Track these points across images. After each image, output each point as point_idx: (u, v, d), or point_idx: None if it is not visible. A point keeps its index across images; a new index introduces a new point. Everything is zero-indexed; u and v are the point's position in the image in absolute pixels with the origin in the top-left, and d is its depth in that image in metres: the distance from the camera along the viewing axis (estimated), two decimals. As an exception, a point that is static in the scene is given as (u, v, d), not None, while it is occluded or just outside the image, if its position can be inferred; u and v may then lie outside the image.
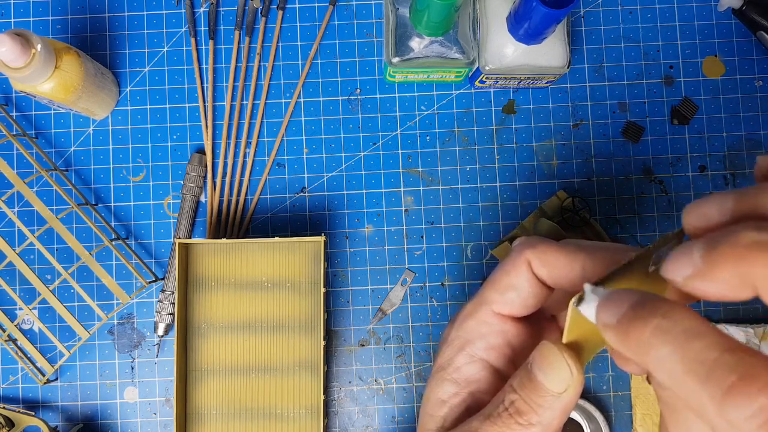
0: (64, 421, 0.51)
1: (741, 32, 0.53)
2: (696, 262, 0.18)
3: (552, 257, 0.25)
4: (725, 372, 0.16)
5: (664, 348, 0.17)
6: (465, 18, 0.46)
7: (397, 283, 0.52)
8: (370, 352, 0.52)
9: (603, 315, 0.20)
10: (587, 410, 0.49)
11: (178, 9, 0.54)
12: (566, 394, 0.23)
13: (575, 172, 0.53)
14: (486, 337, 0.28)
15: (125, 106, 0.53)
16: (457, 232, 0.52)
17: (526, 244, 0.27)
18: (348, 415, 0.52)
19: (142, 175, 0.53)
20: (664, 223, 0.53)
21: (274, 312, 0.51)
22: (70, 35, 0.53)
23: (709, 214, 0.19)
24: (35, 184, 0.53)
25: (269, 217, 0.53)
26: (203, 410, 0.50)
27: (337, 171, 0.53)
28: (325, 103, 0.53)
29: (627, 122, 0.53)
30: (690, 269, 0.18)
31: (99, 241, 0.52)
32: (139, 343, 0.52)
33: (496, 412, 0.25)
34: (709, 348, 0.17)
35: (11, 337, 0.50)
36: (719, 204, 0.19)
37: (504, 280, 0.27)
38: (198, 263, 0.51)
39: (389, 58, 0.46)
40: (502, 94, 0.53)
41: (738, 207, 0.19)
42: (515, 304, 0.27)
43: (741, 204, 0.19)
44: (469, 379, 0.28)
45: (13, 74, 0.42)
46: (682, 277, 0.19)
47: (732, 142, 0.53)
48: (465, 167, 0.53)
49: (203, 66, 0.53)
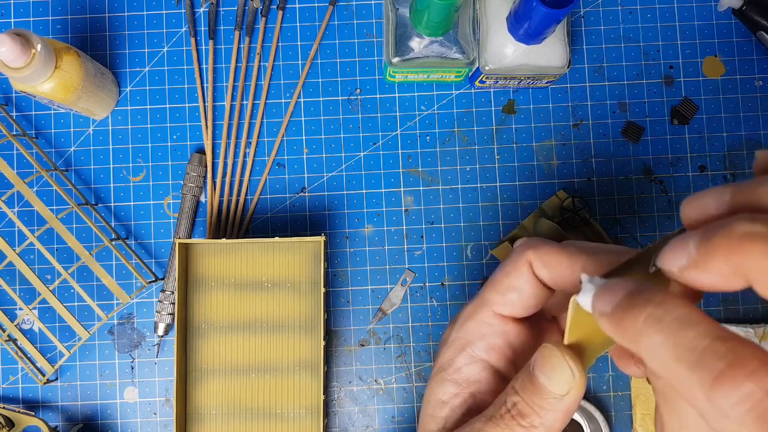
0: (64, 421, 0.51)
1: (741, 32, 0.53)
2: (691, 253, 0.18)
3: (553, 259, 0.25)
4: (714, 359, 0.16)
5: (656, 336, 0.18)
6: (465, 18, 0.46)
7: (397, 283, 0.52)
8: (370, 352, 0.52)
9: (598, 303, 0.20)
10: (587, 410, 0.49)
11: (178, 9, 0.54)
12: (568, 396, 0.23)
13: (575, 172, 0.53)
14: (487, 338, 0.28)
15: (125, 106, 0.53)
16: (457, 232, 0.52)
17: (527, 245, 0.27)
18: (348, 415, 0.52)
19: (142, 175, 0.53)
20: (664, 223, 0.53)
21: (274, 312, 0.51)
22: (70, 35, 0.53)
23: (707, 207, 0.20)
24: (35, 184, 0.53)
25: (269, 217, 0.53)
26: (203, 410, 0.50)
27: (337, 171, 0.53)
28: (325, 103, 0.53)
29: (627, 122, 0.53)
30: (685, 259, 0.18)
31: (99, 241, 0.52)
32: (139, 343, 0.52)
33: (498, 414, 0.25)
34: (700, 336, 0.17)
35: (11, 337, 0.50)
36: (717, 197, 0.19)
37: (505, 281, 0.27)
38: (198, 263, 0.51)
39: (389, 58, 0.46)
40: (502, 94, 0.53)
41: (735, 200, 0.19)
42: (516, 305, 0.27)
43: (738, 197, 0.19)
44: (470, 380, 0.28)
45: (13, 74, 0.42)
46: (677, 267, 0.19)
47: (732, 142, 0.53)
48: (465, 167, 0.53)
49: (203, 66, 0.53)
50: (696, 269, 0.18)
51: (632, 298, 0.19)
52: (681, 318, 0.17)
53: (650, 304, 0.18)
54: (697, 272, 0.18)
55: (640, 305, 0.18)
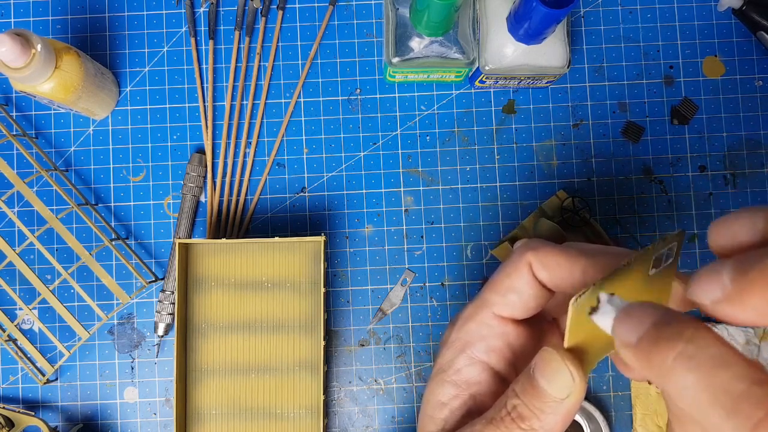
0: (64, 421, 0.51)
1: (741, 32, 0.53)
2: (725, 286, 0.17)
3: (553, 260, 0.25)
4: (753, 406, 0.15)
5: (689, 375, 0.17)
6: (465, 18, 0.46)
7: (397, 283, 0.52)
8: (370, 352, 0.52)
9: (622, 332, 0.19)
10: (587, 410, 0.50)
11: (178, 9, 0.54)
12: (568, 399, 0.23)
13: (575, 172, 0.53)
14: (486, 339, 0.28)
15: (125, 106, 0.53)
16: (457, 232, 0.52)
17: (527, 246, 0.26)
18: (348, 415, 0.52)
19: (142, 175, 0.53)
20: (664, 223, 0.53)
21: (274, 312, 0.51)
22: (70, 35, 0.53)
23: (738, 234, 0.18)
24: (35, 184, 0.53)
25: (269, 217, 0.53)
26: (203, 410, 0.50)
27: (337, 171, 0.53)
28: (325, 103, 0.53)
29: (627, 122, 0.53)
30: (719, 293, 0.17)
31: (99, 241, 0.52)
32: (139, 343, 0.52)
33: (499, 416, 0.25)
34: (737, 379, 0.16)
35: (11, 337, 0.50)
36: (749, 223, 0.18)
37: (505, 282, 0.27)
38: (198, 263, 0.51)
39: (389, 58, 0.46)
40: (502, 94, 0.53)
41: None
42: (516, 306, 0.27)
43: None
44: (470, 381, 0.28)
45: (13, 74, 0.42)
46: (710, 300, 0.18)
47: (732, 142, 0.53)
48: (465, 167, 0.53)
49: (203, 66, 0.53)
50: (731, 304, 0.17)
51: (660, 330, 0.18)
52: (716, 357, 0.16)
53: (681, 338, 0.17)
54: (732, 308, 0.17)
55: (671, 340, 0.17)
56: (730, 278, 0.17)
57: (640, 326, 0.18)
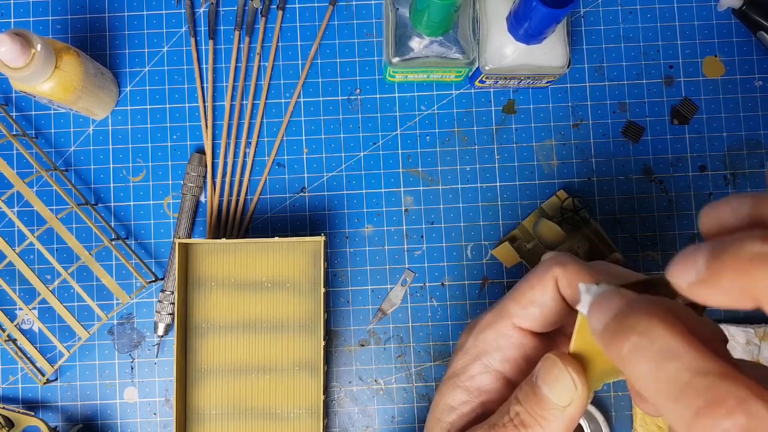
0: (64, 421, 0.51)
1: (741, 32, 0.53)
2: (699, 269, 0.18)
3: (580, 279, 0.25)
4: (693, 396, 0.16)
5: (641, 366, 0.18)
6: (465, 18, 0.46)
7: (397, 283, 0.52)
8: (370, 352, 0.52)
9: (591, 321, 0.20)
10: (588, 410, 0.49)
11: (178, 9, 0.54)
12: (571, 407, 0.23)
13: (575, 172, 0.53)
14: (503, 350, 0.27)
15: (125, 106, 0.53)
16: (457, 232, 0.52)
17: (555, 260, 0.26)
18: (348, 415, 0.52)
19: (142, 175, 0.53)
20: (664, 223, 0.53)
21: (273, 312, 0.51)
22: (70, 35, 0.53)
23: (724, 218, 0.19)
24: (35, 184, 0.53)
25: (269, 217, 0.53)
26: (203, 410, 0.50)
27: (337, 171, 0.53)
28: (325, 103, 0.53)
29: (627, 122, 0.53)
30: (694, 275, 0.18)
31: (99, 241, 0.52)
32: (138, 343, 0.52)
33: (501, 423, 0.25)
34: (682, 370, 0.17)
35: (11, 337, 0.50)
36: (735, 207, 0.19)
37: (528, 294, 0.27)
38: (198, 263, 0.51)
39: (389, 58, 0.46)
40: (502, 94, 0.53)
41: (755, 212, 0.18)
42: (537, 319, 0.27)
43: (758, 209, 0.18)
44: (481, 389, 0.28)
45: (13, 74, 0.42)
46: (686, 282, 0.18)
47: (732, 142, 0.53)
48: (465, 167, 0.53)
49: (203, 66, 0.53)
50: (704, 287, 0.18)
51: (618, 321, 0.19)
52: (665, 349, 0.17)
53: (634, 332, 0.18)
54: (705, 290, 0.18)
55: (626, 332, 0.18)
56: (704, 261, 0.18)
57: (604, 316, 0.19)
